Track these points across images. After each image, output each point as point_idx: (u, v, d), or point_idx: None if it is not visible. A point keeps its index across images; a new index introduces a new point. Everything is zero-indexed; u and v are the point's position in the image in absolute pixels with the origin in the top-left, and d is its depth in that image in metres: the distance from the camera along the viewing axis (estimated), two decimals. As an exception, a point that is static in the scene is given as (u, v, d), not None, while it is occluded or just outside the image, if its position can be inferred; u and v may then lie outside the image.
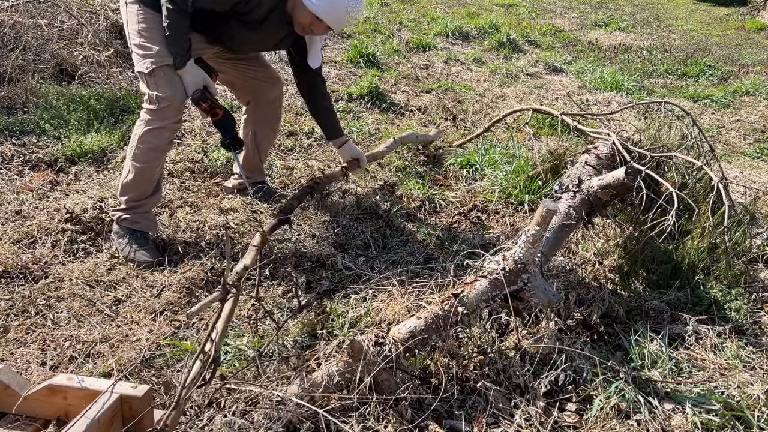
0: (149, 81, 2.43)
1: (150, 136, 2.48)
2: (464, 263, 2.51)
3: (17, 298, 2.22)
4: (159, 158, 2.55)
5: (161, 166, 2.62)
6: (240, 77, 2.87)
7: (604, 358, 1.99)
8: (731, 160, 4.04)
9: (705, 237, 2.52)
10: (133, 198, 2.55)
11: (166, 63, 2.41)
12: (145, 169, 2.52)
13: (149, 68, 2.40)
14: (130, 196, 2.55)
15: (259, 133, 2.99)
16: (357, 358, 1.74)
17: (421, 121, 4.31)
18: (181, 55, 2.40)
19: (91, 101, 3.80)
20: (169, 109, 2.45)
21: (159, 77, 2.42)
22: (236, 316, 2.20)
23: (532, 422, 1.76)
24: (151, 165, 2.53)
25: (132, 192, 2.55)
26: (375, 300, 2.29)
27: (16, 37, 4.18)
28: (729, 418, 1.81)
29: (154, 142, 2.49)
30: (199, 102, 2.46)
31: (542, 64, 6.03)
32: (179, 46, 2.39)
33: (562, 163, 3.05)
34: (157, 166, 2.56)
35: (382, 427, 1.67)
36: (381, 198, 3.12)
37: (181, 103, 2.48)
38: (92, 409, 1.49)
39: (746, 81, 5.80)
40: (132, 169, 2.53)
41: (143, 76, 2.44)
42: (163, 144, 2.52)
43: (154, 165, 2.54)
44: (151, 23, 2.42)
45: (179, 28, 2.38)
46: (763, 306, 2.45)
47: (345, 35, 6.30)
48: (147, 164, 2.51)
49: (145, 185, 2.55)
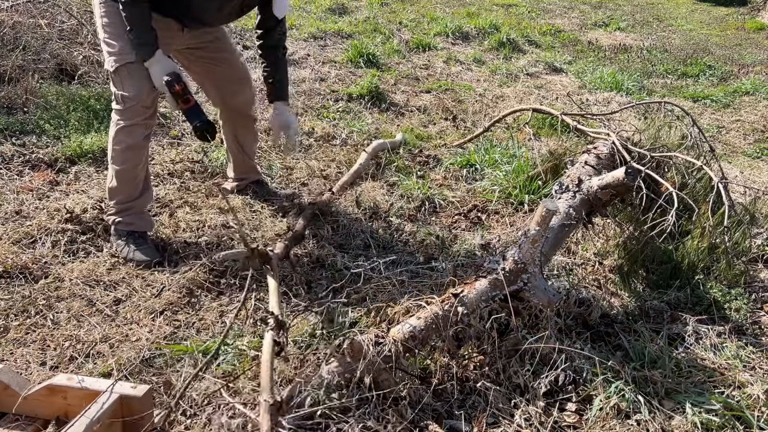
0: (114, 79, 2.39)
1: (122, 135, 2.44)
2: (464, 263, 2.51)
3: (17, 298, 2.22)
4: (137, 157, 2.49)
5: (143, 166, 2.55)
6: (209, 77, 2.78)
7: (604, 358, 1.99)
8: (731, 160, 4.04)
9: (705, 237, 2.52)
10: (122, 201, 2.53)
11: (128, 60, 2.34)
12: (124, 170, 2.48)
13: (113, 66, 2.36)
14: (118, 199, 2.54)
15: (239, 134, 2.93)
16: (357, 358, 1.74)
17: (421, 121, 4.31)
18: (148, 45, 2.30)
19: (91, 101, 3.80)
20: (136, 108, 2.39)
21: (123, 75, 2.37)
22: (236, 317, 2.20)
23: (532, 422, 1.76)
24: (130, 165, 2.48)
25: (119, 195, 2.53)
26: (375, 300, 2.29)
27: (16, 37, 4.18)
28: (729, 418, 1.81)
29: (127, 141, 2.44)
30: (173, 84, 2.32)
31: (542, 64, 6.03)
32: (143, 37, 2.29)
33: (562, 163, 3.05)
34: (136, 166, 2.50)
35: (382, 427, 1.67)
36: (381, 198, 3.12)
37: (148, 99, 2.40)
38: (92, 409, 1.49)
39: (746, 81, 5.79)
40: (113, 172, 2.51)
41: (109, 75, 2.40)
42: (137, 141, 2.45)
43: (133, 165, 2.48)
44: (112, 17, 2.35)
45: (139, 18, 2.28)
46: (763, 306, 2.45)
47: (345, 35, 6.30)
48: (125, 165, 2.47)
49: (130, 187, 2.52)
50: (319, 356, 1.98)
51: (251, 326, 2.15)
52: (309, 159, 3.55)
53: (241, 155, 2.97)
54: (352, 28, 6.57)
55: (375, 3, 7.99)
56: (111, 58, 2.37)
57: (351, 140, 3.84)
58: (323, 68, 5.25)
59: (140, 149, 2.50)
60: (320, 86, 4.79)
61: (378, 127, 4.09)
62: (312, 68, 5.21)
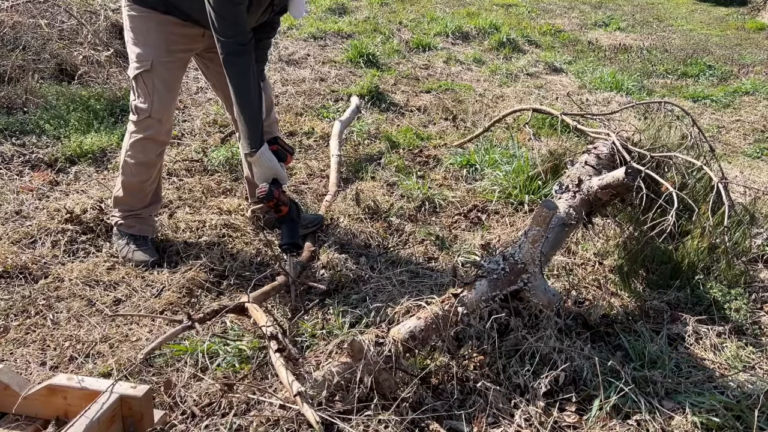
0: (133, 87, 2.32)
1: (136, 150, 2.40)
2: (464, 263, 2.51)
3: (17, 298, 2.22)
4: (147, 173, 2.45)
5: (153, 180, 2.50)
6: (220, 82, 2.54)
7: (604, 358, 1.99)
8: (731, 160, 4.04)
9: (705, 237, 2.52)
10: (126, 209, 2.52)
11: (145, 68, 2.26)
12: (133, 183, 2.46)
13: (133, 74, 2.31)
14: (121, 207, 2.53)
15: None
16: (357, 358, 1.74)
17: (421, 121, 4.31)
18: (258, 139, 2.20)
19: (91, 101, 3.80)
20: (149, 121, 2.33)
21: (139, 85, 2.30)
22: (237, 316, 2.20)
23: (532, 422, 1.76)
24: (138, 180, 2.45)
25: (124, 204, 2.52)
26: (375, 300, 2.29)
27: (16, 37, 4.19)
28: (729, 418, 1.81)
29: (139, 157, 2.40)
30: (264, 201, 2.29)
31: (542, 64, 6.03)
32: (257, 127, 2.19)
33: (562, 163, 3.05)
34: (147, 180, 2.46)
35: (383, 427, 1.67)
36: (381, 198, 3.12)
37: (164, 115, 2.32)
38: (92, 409, 1.49)
39: (746, 81, 5.79)
40: (121, 182, 2.48)
41: (129, 82, 2.34)
42: (149, 158, 2.41)
43: (142, 180, 2.45)
44: (136, 21, 2.28)
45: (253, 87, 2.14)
46: (763, 306, 2.45)
47: (345, 35, 6.31)
48: (134, 178, 2.45)
49: (136, 199, 2.50)
50: (319, 356, 1.98)
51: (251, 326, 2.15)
52: (309, 159, 3.55)
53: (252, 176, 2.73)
54: (352, 28, 6.57)
55: (375, 3, 7.99)
56: (132, 65, 2.31)
57: (351, 140, 3.84)
58: (323, 68, 5.26)
59: (152, 166, 2.45)
60: (320, 86, 4.79)
61: (378, 127, 4.09)
62: (312, 68, 5.22)
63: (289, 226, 2.36)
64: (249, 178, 2.77)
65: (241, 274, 2.45)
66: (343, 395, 1.72)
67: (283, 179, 2.34)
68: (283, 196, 2.33)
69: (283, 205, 2.33)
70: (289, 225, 2.36)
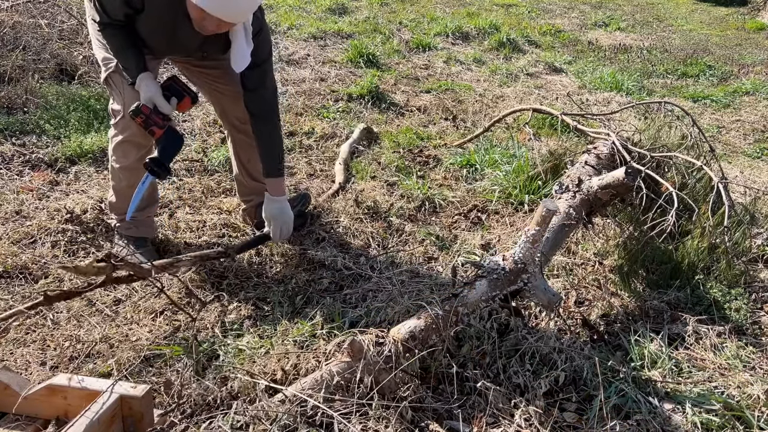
0: (107, 91, 2.33)
1: (118, 154, 2.40)
2: (464, 263, 2.51)
3: (17, 298, 2.22)
4: (132, 177, 2.40)
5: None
6: (206, 89, 2.59)
7: (604, 358, 1.99)
8: (731, 160, 4.04)
9: (705, 237, 2.52)
10: (120, 213, 2.51)
11: (112, 70, 2.28)
12: (123, 188, 2.45)
13: (103, 77, 2.32)
14: (116, 212, 2.53)
15: (242, 153, 2.68)
16: (357, 358, 1.74)
17: (421, 121, 4.31)
18: (131, 68, 2.19)
19: (91, 101, 3.80)
20: (124, 122, 2.30)
21: (111, 86, 2.32)
22: (236, 317, 2.21)
23: (532, 422, 1.76)
24: (128, 183, 2.41)
25: (117, 209, 2.52)
26: (375, 300, 2.29)
27: (16, 37, 4.19)
28: (729, 418, 1.81)
29: (122, 161, 2.39)
30: (132, 117, 2.20)
31: (542, 64, 6.03)
32: (125, 60, 2.19)
33: (562, 163, 3.05)
34: (132, 186, 2.37)
35: (383, 427, 1.67)
36: (381, 198, 3.12)
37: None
38: (92, 409, 1.49)
39: (746, 81, 5.79)
40: (113, 189, 2.49)
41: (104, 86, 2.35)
42: (130, 162, 2.37)
43: (132, 183, 2.38)
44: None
45: (116, 41, 2.17)
46: (763, 306, 2.45)
47: (345, 35, 6.30)
48: (123, 183, 2.44)
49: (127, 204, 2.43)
50: (319, 356, 1.98)
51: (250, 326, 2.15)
52: (309, 159, 3.55)
53: (243, 175, 2.74)
54: (352, 28, 6.57)
55: (375, 3, 7.99)
56: (101, 68, 2.33)
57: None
58: (323, 68, 5.26)
59: (134, 170, 2.39)
60: (320, 86, 4.79)
61: (378, 128, 4.09)
62: (312, 68, 5.22)
63: (160, 148, 2.24)
64: (238, 176, 2.77)
65: (241, 274, 2.45)
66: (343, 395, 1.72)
67: (162, 107, 2.21)
68: (158, 119, 2.20)
69: (156, 126, 2.21)
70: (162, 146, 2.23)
